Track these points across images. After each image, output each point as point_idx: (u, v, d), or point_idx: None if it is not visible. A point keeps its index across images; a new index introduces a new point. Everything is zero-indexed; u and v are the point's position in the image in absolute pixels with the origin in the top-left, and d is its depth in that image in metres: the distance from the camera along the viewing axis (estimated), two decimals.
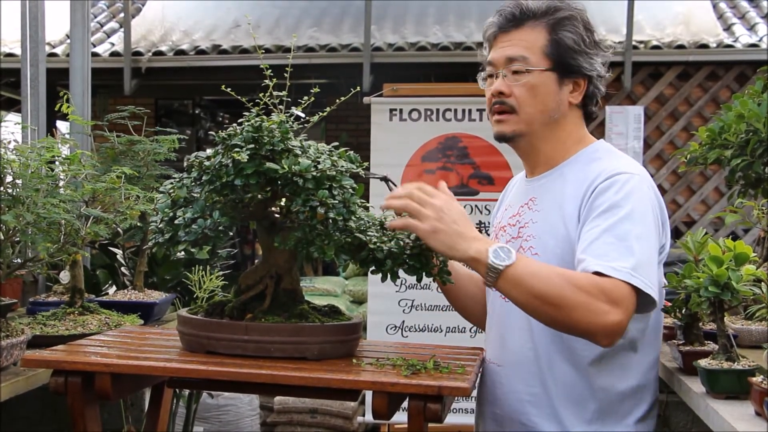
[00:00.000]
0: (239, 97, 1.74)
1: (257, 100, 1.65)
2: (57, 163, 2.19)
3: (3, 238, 1.93)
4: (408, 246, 1.61)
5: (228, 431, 4.89)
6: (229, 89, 1.77)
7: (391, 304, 4.05)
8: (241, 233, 7.99)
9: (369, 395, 3.53)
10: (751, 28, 7.01)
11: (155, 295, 2.79)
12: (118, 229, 2.56)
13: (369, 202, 2.30)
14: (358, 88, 1.84)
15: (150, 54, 7.17)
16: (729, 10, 7.45)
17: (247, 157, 1.51)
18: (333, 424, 5.07)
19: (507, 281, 1.55)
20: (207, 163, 1.58)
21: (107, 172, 2.30)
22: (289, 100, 1.66)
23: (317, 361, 1.59)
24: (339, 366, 1.57)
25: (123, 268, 3.18)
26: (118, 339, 1.84)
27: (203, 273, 2.97)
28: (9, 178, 1.94)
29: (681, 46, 6.63)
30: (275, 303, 1.66)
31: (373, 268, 1.61)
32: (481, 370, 1.81)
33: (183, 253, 3.17)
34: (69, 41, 4.28)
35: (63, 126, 7.12)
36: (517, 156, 1.96)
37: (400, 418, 1.65)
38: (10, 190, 1.93)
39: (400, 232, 1.62)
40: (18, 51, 5.77)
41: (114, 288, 3.25)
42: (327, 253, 1.55)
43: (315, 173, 1.52)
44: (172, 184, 1.65)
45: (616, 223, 1.64)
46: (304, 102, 1.69)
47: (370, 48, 6.73)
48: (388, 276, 1.61)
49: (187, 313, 1.69)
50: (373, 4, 6.77)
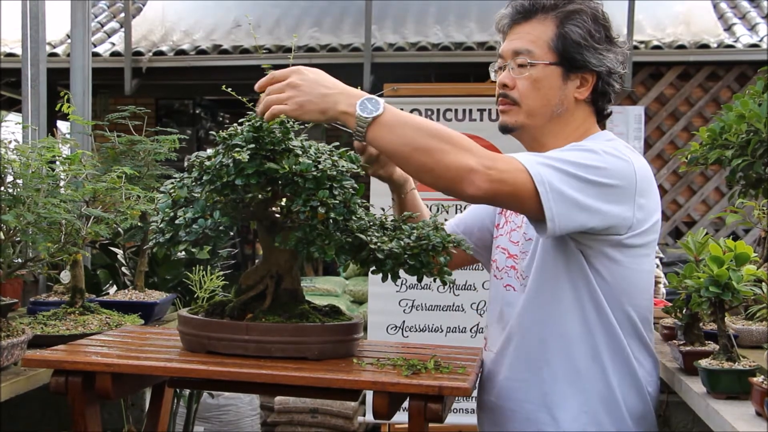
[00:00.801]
0: (240, 97, 1.74)
1: (257, 100, 1.65)
2: (57, 162, 2.19)
3: (3, 237, 1.93)
4: (409, 246, 1.61)
5: (228, 431, 4.89)
6: (229, 89, 1.76)
7: (391, 304, 4.05)
8: (242, 233, 7.99)
9: (369, 395, 3.53)
10: (751, 28, 7.02)
11: (156, 295, 2.79)
12: (119, 228, 2.56)
13: (370, 202, 2.29)
14: (359, 88, 1.84)
15: (150, 54, 7.17)
16: (730, 10, 7.45)
17: (247, 156, 1.51)
18: (333, 424, 5.07)
19: (376, 131, 1.56)
20: (208, 162, 1.58)
21: (108, 172, 2.30)
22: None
23: (318, 361, 1.59)
24: (339, 366, 1.57)
25: (123, 268, 3.18)
26: (119, 339, 1.84)
27: (204, 273, 2.97)
28: (10, 178, 1.94)
29: (681, 46, 6.63)
30: (276, 303, 1.66)
31: (373, 268, 1.60)
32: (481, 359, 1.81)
33: (183, 253, 3.16)
34: (69, 41, 4.28)
35: (63, 126, 7.13)
36: None
37: (401, 418, 1.65)
38: (10, 190, 1.93)
39: (400, 231, 1.61)
40: (18, 51, 5.78)
41: (114, 288, 3.25)
42: (327, 253, 1.55)
43: (316, 173, 1.52)
44: (172, 183, 1.65)
45: (561, 149, 1.66)
46: None
47: (370, 48, 6.73)
48: (389, 276, 1.61)
49: (187, 313, 1.69)
50: (373, 4, 6.78)
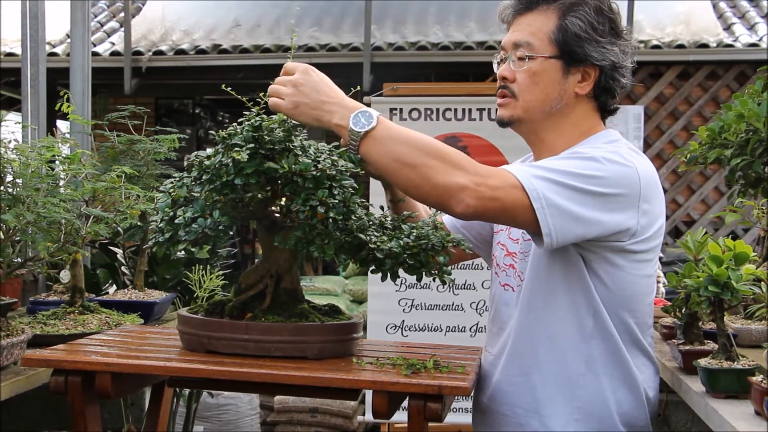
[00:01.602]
0: (239, 96, 1.74)
1: (257, 100, 1.65)
2: (57, 162, 2.19)
3: (3, 237, 1.93)
4: (408, 245, 1.61)
5: (228, 430, 4.90)
6: (229, 89, 1.77)
7: (391, 304, 4.06)
8: (242, 232, 7.99)
9: (369, 394, 3.53)
10: (751, 28, 7.02)
11: (155, 295, 2.80)
12: (119, 228, 2.56)
13: (369, 202, 2.30)
14: (359, 88, 1.84)
15: (150, 53, 7.17)
16: (729, 10, 7.45)
17: (247, 156, 1.51)
18: (333, 423, 5.07)
19: (368, 145, 1.55)
20: (207, 162, 1.58)
21: (107, 171, 2.30)
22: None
23: (317, 360, 1.59)
24: (339, 365, 1.57)
25: (123, 268, 3.18)
26: (119, 338, 1.84)
27: (203, 272, 2.97)
28: (9, 178, 1.94)
29: (681, 46, 6.63)
30: (275, 302, 1.66)
31: (373, 267, 1.60)
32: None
33: (183, 252, 3.17)
34: (69, 41, 4.28)
35: (63, 125, 7.14)
36: (517, 156, 1.96)
37: (400, 417, 1.65)
38: (10, 190, 1.94)
39: (399, 231, 1.61)
40: (18, 50, 5.78)
41: (114, 287, 3.26)
42: (327, 252, 1.55)
43: (315, 173, 1.52)
44: (172, 183, 1.65)
45: (560, 158, 1.62)
46: None
47: (370, 47, 6.73)
48: (388, 275, 1.61)
49: (187, 313, 1.69)
50: (373, 3, 6.78)
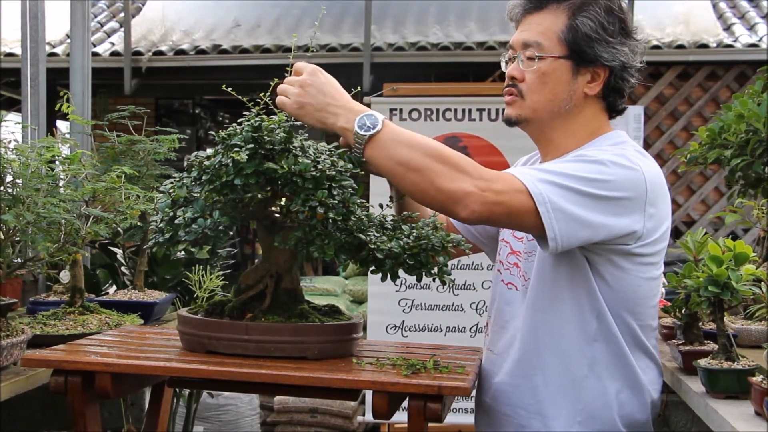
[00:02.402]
0: (239, 96, 1.74)
1: (257, 100, 1.65)
2: (57, 162, 2.19)
3: (3, 237, 1.93)
4: (408, 246, 1.61)
5: (228, 431, 4.89)
6: (229, 89, 1.77)
7: (391, 304, 4.06)
8: (241, 233, 7.99)
9: (369, 395, 3.53)
10: (750, 28, 7.02)
11: (155, 295, 2.80)
12: (118, 228, 2.56)
13: (369, 202, 2.29)
14: (359, 88, 1.84)
15: (150, 54, 7.17)
16: (729, 10, 7.45)
17: (246, 156, 1.51)
18: (333, 423, 5.07)
19: (373, 149, 1.55)
20: (207, 162, 1.58)
21: (107, 171, 2.30)
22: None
23: (317, 360, 1.59)
24: (339, 366, 1.57)
25: (123, 268, 3.18)
26: (119, 339, 1.84)
27: (203, 273, 2.97)
28: (9, 178, 1.94)
29: (681, 46, 6.63)
30: (275, 303, 1.66)
31: (372, 267, 1.60)
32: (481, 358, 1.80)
33: (183, 252, 3.17)
34: (69, 41, 4.28)
35: (63, 126, 7.13)
36: (517, 156, 1.95)
37: (400, 417, 1.65)
38: (10, 190, 1.94)
39: (399, 231, 1.61)
40: (18, 50, 5.78)
41: (114, 288, 3.26)
42: (327, 252, 1.55)
43: (314, 173, 1.52)
44: (172, 183, 1.65)
45: (566, 160, 1.61)
46: None
47: (370, 48, 6.73)
48: (388, 276, 1.61)
49: (187, 313, 1.69)
50: (373, 3, 6.78)
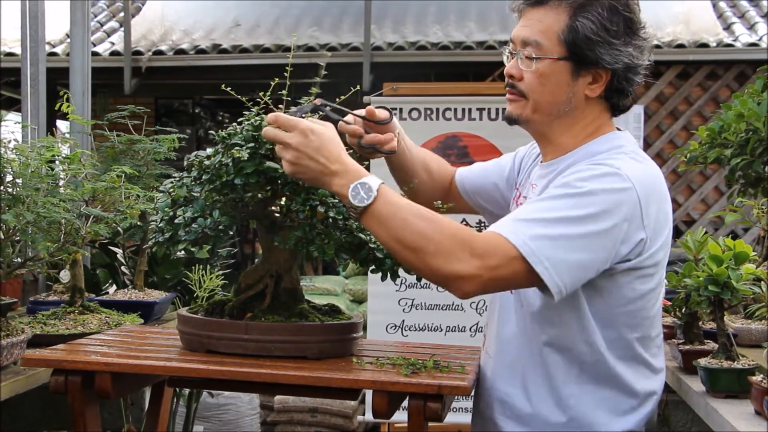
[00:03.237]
0: (239, 96, 1.74)
1: (257, 99, 1.65)
2: (57, 162, 2.19)
3: (3, 237, 1.93)
4: None
5: (228, 430, 4.89)
6: (229, 88, 1.76)
7: (391, 304, 4.05)
8: (242, 232, 7.98)
9: (369, 394, 3.53)
10: (750, 28, 7.02)
11: (155, 295, 2.80)
12: (118, 228, 2.56)
13: None
14: (358, 88, 1.84)
15: (150, 53, 7.17)
16: (729, 10, 7.45)
17: (247, 155, 1.51)
18: (333, 423, 5.07)
19: (368, 220, 1.49)
20: (207, 162, 1.58)
21: (107, 171, 2.30)
22: (289, 99, 1.66)
23: (317, 360, 1.59)
24: (339, 365, 1.57)
25: (123, 268, 3.18)
26: (119, 338, 1.84)
27: (203, 272, 2.97)
28: (9, 178, 1.94)
29: (681, 46, 6.63)
30: (275, 302, 1.66)
31: (373, 267, 1.61)
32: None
33: (183, 252, 3.15)
34: (69, 40, 4.28)
35: (63, 125, 7.13)
36: None
37: (400, 417, 1.65)
38: (10, 190, 1.94)
39: None
40: (18, 50, 5.77)
41: (114, 287, 3.25)
42: (327, 252, 1.55)
43: None
44: (172, 183, 1.65)
45: (554, 197, 1.52)
46: (304, 101, 1.69)
47: (370, 47, 6.74)
48: (388, 275, 1.61)
49: (187, 312, 1.69)
50: (373, 3, 6.78)
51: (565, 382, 1.61)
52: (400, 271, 1.61)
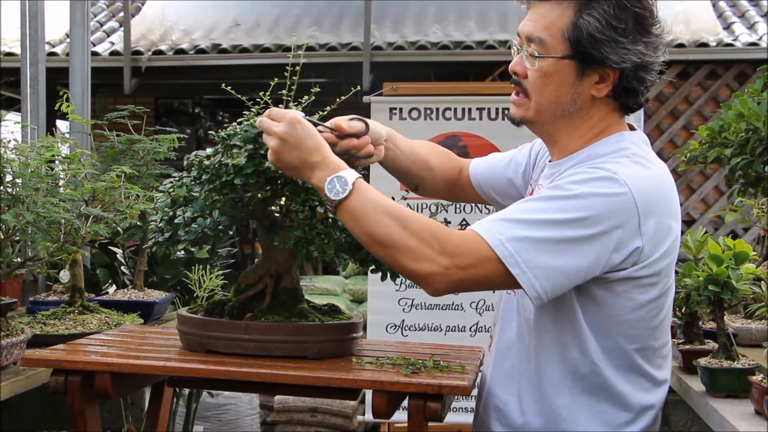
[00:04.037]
0: (239, 95, 1.74)
1: (257, 99, 1.65)
2: (57, 162, 2.19)
3: (3, 237, 1.93)
4: None
5: (228, 430, 4.89)
6: (228, 88, 1.76)
7: (390, 303, 4.05)
8: (241, 232, 7.98)
9: (369, 394, 3.53)
10: (750, 27, 7.02)
11: (155, 295, 2.80)
12: (118, 228, 2.56)
13: None
14: (358, 87, 1.84)
15: (150, 53, 7.17)
16: (729, 9, 7.45)
17: (244, 159, 1.52)
18: (333, 423, 5.07)
19: (342, 215, 1.49)
20: (207, 162, 1.58)
21: (107, 171, 2.30)
22: (289, 99, 1.66)
23: (317, 360, 1.59)
24: (339, 365, 1.57)
25: (123, 268, 3.18)
26: (118, 338, 1.84)
27: (203, 272, 2.97)
28: (9, 178, 1.94)
29: (681, 45, 6.63)
30: (275, 302, 1.66)
31: (372, 267, 1.61)
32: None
33: (183, 252, 3.16)
34: (69, 40, 4.28)
35: (63, 125, 7.13)
36: None
37: (400, 417, 1.65)
38: (9, 190, 1.93)
39: None
40: (18, 50, 5.77)
41: (114, 287, 3.26)
42: (327, 252, 1.55)
43: None
44: (171, 183, 1.65)
45: (542, 198, 1.48)
46: (304, 101, 1.69)
47: (369, 47, 6.73)
48: (388, 275, 1.61)
49: (187, 312, 1.69)
50: (373, 3, 6.78)
51: (557, 393, 1.56)
52: None
